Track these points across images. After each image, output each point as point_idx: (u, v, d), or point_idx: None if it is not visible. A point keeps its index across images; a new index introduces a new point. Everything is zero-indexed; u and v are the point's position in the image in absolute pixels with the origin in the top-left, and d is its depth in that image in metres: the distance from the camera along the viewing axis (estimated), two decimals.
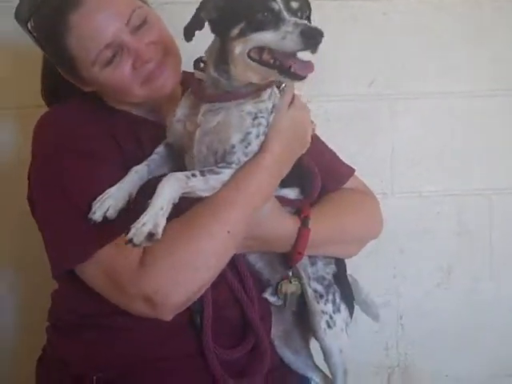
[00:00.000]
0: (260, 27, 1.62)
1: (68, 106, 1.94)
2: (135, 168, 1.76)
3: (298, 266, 1.91)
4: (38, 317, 2.05)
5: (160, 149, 1.83)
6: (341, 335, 1.92)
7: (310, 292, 1.90)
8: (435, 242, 2.67)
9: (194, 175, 1.64)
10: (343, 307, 1.93)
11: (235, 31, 1.65)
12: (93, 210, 1.66)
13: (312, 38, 1.57)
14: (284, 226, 1.86)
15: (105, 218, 1.65)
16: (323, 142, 2.15)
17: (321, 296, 1.90)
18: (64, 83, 1.97)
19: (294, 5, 1.66)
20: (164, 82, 1.87)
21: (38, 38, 1.87)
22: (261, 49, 1.64)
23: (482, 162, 2.65)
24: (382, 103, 2.60)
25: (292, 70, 1.63)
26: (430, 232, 2.67)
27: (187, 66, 1.93)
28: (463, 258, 2.69)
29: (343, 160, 2.18)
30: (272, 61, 1.64)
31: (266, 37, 1.61)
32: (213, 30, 1.72)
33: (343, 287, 1.96)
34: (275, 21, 1.61)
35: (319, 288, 1.91)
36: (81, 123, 1.85)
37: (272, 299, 1.95)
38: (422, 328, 2.71)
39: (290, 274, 1.91)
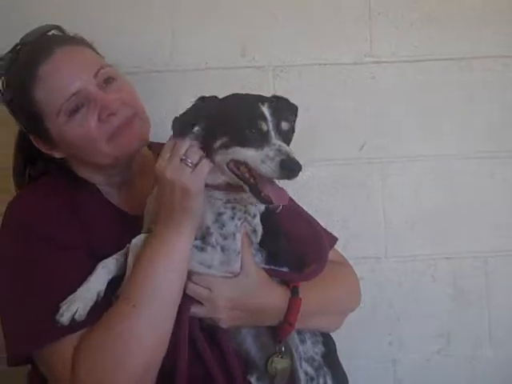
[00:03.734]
0: (244, 143, 1.65)
1: (37, 188, 1.95)
2: (103, 263, 1.75)
3: (290, 344, 1.87)
4: None
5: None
6: None
7: (301, 374, 1.85)
8: (432, 306, 2.62)
9: None
10: None
11: (217, 144, 1.68)
12: (60, 311, 1.65)
13: (290, 171, 1.59)
14: (273, 295, 1.84)
15: (73, 320, 1.64)
16: (304, 211, 2.12)
17: (311, 379, 1.85)
18: (34, 162, 2.01)
19: (284, 126, 1.69)
20: (130, 140, 1.89)
21: (8, 96, 1.90)
22: (240, 161, 1.66)
23: (476, 224, 2.62)
24: (373, 167, 2.58)
25: (262, 194, 1.64)
26: (425, 297, 2.61)
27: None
28: (462, 323, 2.63)
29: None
30: (247, 175, 1.66)
31: (247, 154, 1.64)
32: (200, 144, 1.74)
33: (335, 369, 1.91)
34: (260, 140, 1.64)
35: (310, 370, 1.85)
36: (48, 208, 1.85)
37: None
38: None
39: (283, 348, 1.85)
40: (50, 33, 1.97)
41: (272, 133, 1.65)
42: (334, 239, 2.18)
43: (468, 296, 2.63)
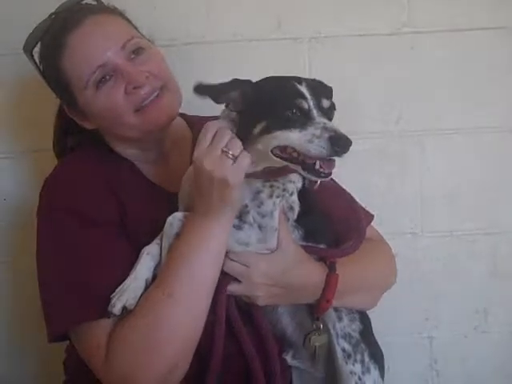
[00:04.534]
0: (286, 125, 1.58)
1: (72, 162, 1.94)
2: (146, 249, 1.73)
3: (327, 321, 1.85)
4: None
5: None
6: None
7: (338, 351, 1.82)
8: (469, 283, 2.57)
9: None
10: (373, 367, 1.84)
11: (257, 129, 1.61)
12: (112, 302, 1.64)
13: (340, 147, 1.52)
14: (310, 271, 1.82)
15: (124, 308, 1.64)
16: (341, 188, 2.08)
17: (349, 356, 1.82)
18: (72, 132, 2.01)
19: (325, 104, 1.63)
20: (158, 115, 1.85)
21: (41, 65, 1.91)
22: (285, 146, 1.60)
23: None
24: (410, 140, 2.51)
25: (316, 166, 1.58)
26: (463, 273, 2.56)
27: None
28: (500, 300, 2.58)
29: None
30: (296, 155, 1.60)
31: (292, 136, 1.58)
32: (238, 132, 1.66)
33: (372, 346, 1.88)
34: (303, 120, 1.58)
35: (347, 347, 1.83)
36: (84, 184, 1.84)
37: (293, 362, 1.90)
38: (459, 373, 2.59)
39: (321, 325, 1.82)
40: (84, 1, 1.95)
41: (314, 111, 1.59)
42: (371, 216, 2.14)
43: (506, 272, 2.57)
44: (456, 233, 2.55)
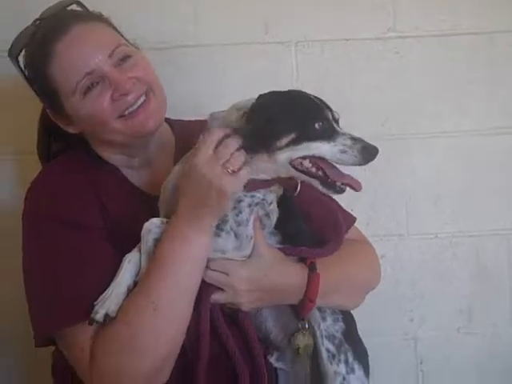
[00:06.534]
0: (315, 137, 1.62)
1: (56, 168, 1.96)
2: (128, 256, 1.73)
3: (312, 322, 1.86)
4: None
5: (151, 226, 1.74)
6: None
7: (323, 351, 1.83)
8: (453, 284, 2.60)
9: None
10: (357, 367, 1.85)
11: (283, 141, 1.63)
12: (95, 309, 1.66)
13: (371, 155, 1.61)
14: (291, 272, 1.82)
15: (107, 315, 1.65)
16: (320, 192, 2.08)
17: (333, 356, 1.83)
18: (56, 136, 2.02)
19: (336, 115, 1.70)
20: (144, 121, 1.85)
21: (27, 70, 1.91)
22: (302, 157, 1.64)
23: (499, 201, 2.58)
24: (396, 143, 2.54)
25: (337, 184, 1.66)
26: (447, 274, 2.60)
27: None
28: (483, 301, 2.61)
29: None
30: (314, 170, 1.65)
31: (323, 147, 1.62)
32: (256, 143, 1.65)
33: (355, 345, 1.89)
34: (330, 132, 1.63)
35: (331, 347, 1.84)
36: (67, 189, 1.84)
37: (277, 364, 1.91)
38: (444, 373, 2.62)
39: (306, 325, 1.84)
40: (69, 7, 1.94)
41: (334, 123, 1.65)
42: (353, 219, 2.14)
43: (490, 274, 2.60)
44: (440, 235, 2.58)
